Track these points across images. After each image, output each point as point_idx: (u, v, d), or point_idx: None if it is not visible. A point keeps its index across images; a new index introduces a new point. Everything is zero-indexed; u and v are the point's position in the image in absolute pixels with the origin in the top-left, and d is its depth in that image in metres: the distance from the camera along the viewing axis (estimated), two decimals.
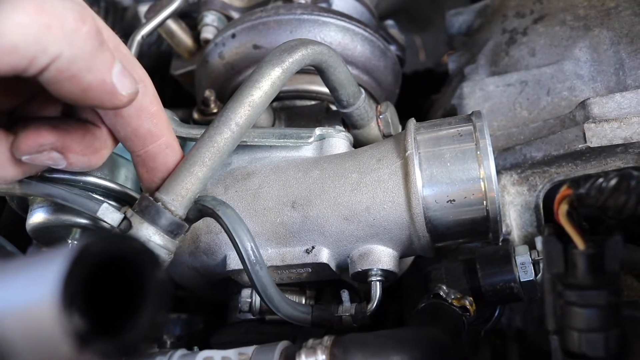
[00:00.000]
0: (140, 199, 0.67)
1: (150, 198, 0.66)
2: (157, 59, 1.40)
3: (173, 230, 0.66)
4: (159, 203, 0.66)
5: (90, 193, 0.75)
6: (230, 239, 0.69)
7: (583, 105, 0.84)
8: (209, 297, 0.98)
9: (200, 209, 0.70)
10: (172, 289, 0.98)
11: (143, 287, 0.37)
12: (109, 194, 0.77)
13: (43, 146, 0.58)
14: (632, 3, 0.94)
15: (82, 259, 0.33)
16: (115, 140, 0.64)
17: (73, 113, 0.64)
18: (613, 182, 0.49)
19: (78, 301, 0.33)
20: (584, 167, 0.86)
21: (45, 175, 0.74)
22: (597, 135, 0.80)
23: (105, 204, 0.68)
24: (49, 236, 0.80)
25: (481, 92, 0.99)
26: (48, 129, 0.58)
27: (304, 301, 0.84)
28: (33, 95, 0.61)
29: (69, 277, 0.33)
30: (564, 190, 0.52)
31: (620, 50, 0.91)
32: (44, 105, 0.62)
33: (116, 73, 0.53)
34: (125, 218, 0.67)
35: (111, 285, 0.37)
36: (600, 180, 0.50)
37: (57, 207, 0.76)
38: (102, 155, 0.63)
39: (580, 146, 0.82)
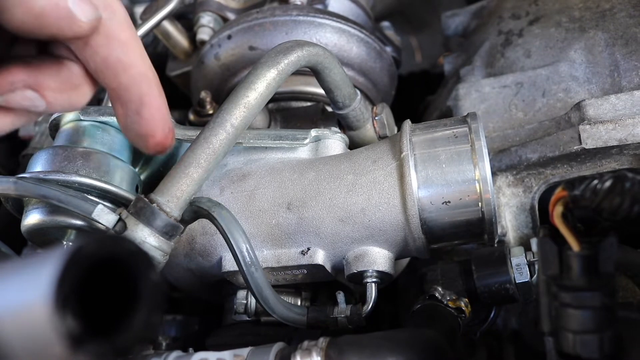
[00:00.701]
0: (135, 201, 0.67)
1: (146, 199, 0.66)
2: (153, 60, 1.39)
3: (168, 232, 0.66)
4: (154, 204, 0.65)
5: (85, 194, 0.75)
6: (226, 241, 0.69)
7: (578, 106, 0.84)
8: (205, 298, 0.98)
9: (196, 210, 0.70)
10: (167, 290, 0.98)
11: (137, 288, 0.37)
12: (104, 195, 0.77)
13: (14, 84, 0.54)
14: (627, 5, 0.94)
15: (76, 260, 0.33)
16: (93, 87, 0.59)
17: (47, 51, 0.59)
18: (608, 183, 0.49)
19: (72, 302, 0.33)
20: (579, 169, 0.86)
21: (40, 177, 0.74)
22: (592, 137, 0.81)
23: (100, 206, 0.68)
24: (44, 238, 0.80)
25: (477, 93, 0.99)
26: (19, 66, 0.55)
27: (299, 303, 0.84)
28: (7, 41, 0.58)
29: (63, 279, 0.32)
30: (559, 192, 0.52)
31: (615, 52, 0.91)
32: (19, 48, 0.58)
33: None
34: (120, 219, 0.67)
35: (105, 287, 0.37)
36: (595, 181, 0.50)
37: (52, 208, 0.76)
38: (83, 93, 0.58)
39: (575, 148, 0.82)
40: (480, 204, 0.72)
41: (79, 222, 0.76)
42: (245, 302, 0.81)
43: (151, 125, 0.59)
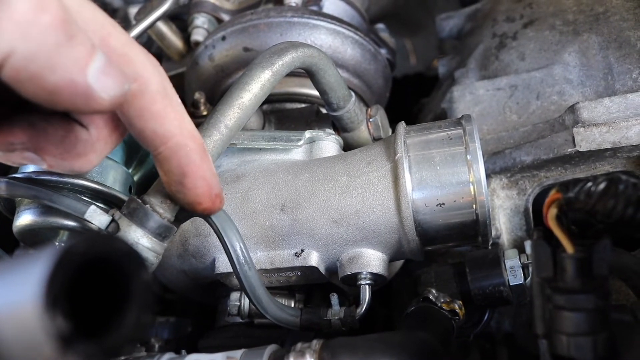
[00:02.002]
0: (128, 201, 0.66)
1: (139, 200, 0.65)
2: None
3: (161, 233, 0.66)
4: (147, 205, 0.65)
5: (78, 195, 0.75)
6: (220, 239, 0.69)
7: (572, 109, 0.84)
8: (198, 300, 0.98)
9: None
10: (158, 290, 0.97)
11: (128, 288, 0.36)
12: (97, 196, 0.77)
13: (14, 145, 0.53)
14: (620, 8, 0.94)
15: (66, 260, 0.32)
16: (111, 144, 0.58)
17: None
18: (602, 186, 0.49)
19: (61, 302, 0.32)
20: (573, 171, 0.86)
21: (32, 177, 0.73)
22: (586, 140, 0.81)
23: (92, 206, 0.68)
24: (36, 238, 0.79)
25: (471, 96, 0.99)
26: (22, 126, 0.53)
27: (293, 304, 0.84)
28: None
29: (52, 279, 0.32)
30: (553, 194, 0.52)
31: (608, 55, 0.92)
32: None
33: (94, 72, 0.45)
34: (113, 220, 0.66)
35: (96, 287, 0.36)
36: (589, 184, 0.50)
37: (45, 209, 0.75)
38: (88, 160, 0.56)
39: (569, 150, 0.82)
40: (474, 206, 0.72)
41: (71, 223, 0.76)
42: (238, 303, 0.81)
43: (195, 194, 0.58)
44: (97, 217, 0.67)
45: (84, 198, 0.74)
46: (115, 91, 0.48)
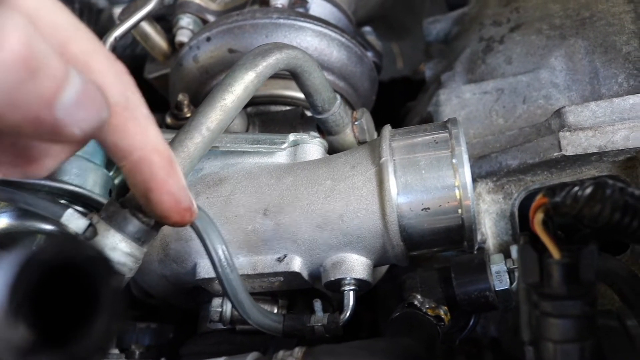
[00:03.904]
0: (106, 205, 0.65)
1: (117, 204, 0.64)
2: (131, 62, 1.37)
3: (140, 238, 0.64)
4: (126, 209, 0.63)
5: (56, 198, 0.73)
6: (202, 242, 0.68)
7: (558, 113, 0.84)
8: (180, 306, 0.96)
9: None
10: (128, 297, 0.95)
11: (97, 295, 0.35)
12: (76, 199, 0.75)
13: None
14: (606, 13, 0.95)
15: (31, 266, 0.31)
16: (69, 149, 0.53)
17: None
18: (588, 190, 0.49)
19: (25, 311, 0.31)
20: (559, 176, 0.86)
21: (8, 179, 0.72)
22: (572, 144, 0.80)
23: (70, 210, 0.66)
24: (13, 243, 0.77)
25: (457, 99, 0.99)
26: None
27: (276, 310, 0.83)
28: None
29: (15, 286, 0.31)
30: (539, 199, 0.51)
31: (594, 59, 0.92)
32: None
33: (63, 106, 0.41)
34: (90, 225, 0.65)
35: (63, 293, 0.35)
36: (576, 188, 0.49)
37: (21, 212, 0.74)
38: (43, 166, 0.51)
39: (555, 154, 0.82)
40: (459, 210, 0.72)
41: (49, 227, 0.74)
42: (220, 310, 0.79)
43: (162, 208, 0.55)
44: (74, 221, 0.65)
45: (62, 201, 0.73)
46: (90, 124, 0.44)
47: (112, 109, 0.48)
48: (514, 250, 0.81)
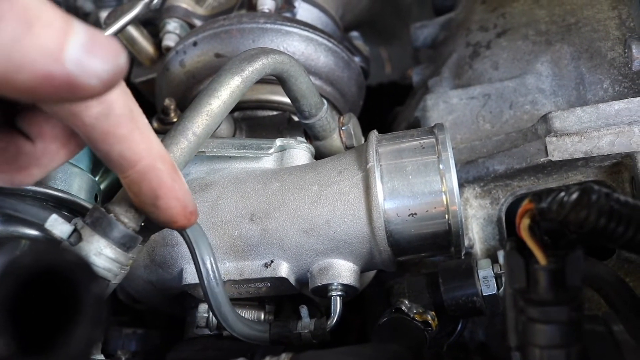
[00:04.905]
0: (91, 210, 0.64)
1: (102, 209, 0.63)
2: None
3: (126, 243, 0.63)
4: (111, 215, 0.63)
5: (41, 203, 0.72)
6: (191, 252, 0.67)
7: (545, 119, 0.84)
8: (166, 311, 0.95)
9: None
10: (112, 303, 0.95)
11: (77, 302, 0.34)
12: (61, 204, 0.74)
13: None
14: (592, 20, 0.95)
15: (9, 273, 0.30)
16: (59, 160, 0.52)
17: (8, 121, 0.51)
18: (574, 196, 0.49)
19: (2, 319, 0.30)
20: (545, 181, 0.87)
21: None
22: (559, 149, 0.81)
23: (54, 215, 0.65)
24: None
25: (445, 104, 0.99)
26: None
27: (262, 316, 0.82)
28: None
29: None
30: (525, 205, 0.51)
31: (580, 65, 0.92)
32: None
33: (74, 55, 0.38)
34: (75, 230, 0.64)
35: (43, 300, 0.34)
36: (562, 194, 0.49)
37: (5, 217, 0.73)
38: (30, 174, 0.51)
39: (542, 160, 0.82)
40: (446, 216, 0.71)
41: (33, 232, 0.73)
42: (206, 315, 0.79)
43: (170, 214, 0.56)
44: (59, 226, 0.64)
45: (46, 206, 0.72)
46: (107, 71, 0.40)
47: (117, 119, 0.48)
48: (501, 255, 0.81)
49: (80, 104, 0.46)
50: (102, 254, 0.62)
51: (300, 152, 0.83)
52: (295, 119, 0.94)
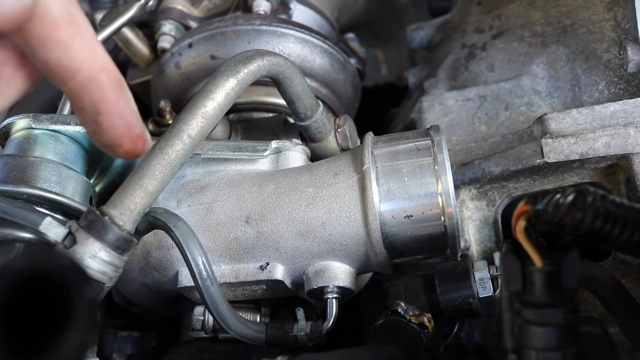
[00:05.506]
0: (86, 213, 0.64)
1: (97, 212, 0.63)
2: None
3: (120, 246, 0.63)
4: (106, 217, 0.62)
5: (34, 206, 0.72)
6: (182, 253, 0.67)
7: (540, 120, 0.84)
8: (162, 314, 0.95)
9: (151, 222, 0.68)
10: (106, 306, 0.94)
11: (70, 306, 0.34)
12: (55, 207, 0.74)
13: None
14: (587, 21, 0.95)
15: (1, 276, 0.30)
16: (16, 85, 0.50)
17: None
18: (570, 198, 0.49)
19: None
20: (541, 182, 0.86)
21: None
22: (555, 151, 0.81)
23: (48, 218, 0.65)
24: None
25: (440, 106, 0.99)
26: None
27: (258, 319, 0.82)
28: None
29: None
30: (521, 207, 0.51)
31: (576, 67, 0.93)
32: None
33: None
34: (69, 233, 0.63)
35: (35, 304, 0.34)
36: (558, 196, 0.49)
37: None
38: (6, 97, 0.49)
39: (538, 161, 0.82)
40: (442, 218, 0.71)
41: (27, 235, 0.73)
42: (202, 318, 0.78)
43: (114, 134, 0.51)
44: (53, 229, 0.64)
45: (40, 209, 0.72)
46: (16, 3, 0.41)
47: (54, 22, 0.46)
48: (497, 257, 0.81)
49: None
50: (97, 257, 0.62)
51: (295, 154, 0.83)
52: (291, 121, 0.93)
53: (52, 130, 0.80)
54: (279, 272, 0.76)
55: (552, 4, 1.01)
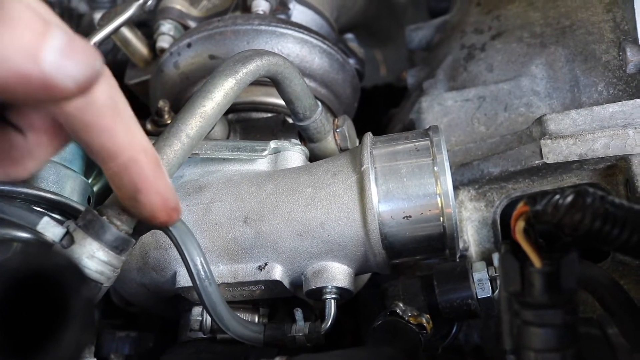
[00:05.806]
0: (84, 213, 0.63)
1: (95, 212, 0.63)
2: (112, 68, 1.35)
3: (118, 246, 0.63)
4: (104, 217, 0.62)
5: (32, 206, 0.72)
6: (179, 253, 0.67)
7: (539, 121, 0.84)
8: (160, 314, 0.95)
9: None
10: (103, 306, 0.94)
11: (67, 305, 0.34)
12: (53, 207, 0.74)
13: None
14: (586, 22, 0.95)
15: None
16: (52, 150, 0.52)
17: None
18: (569, 199, 0.49)
19: None
20: (540, 183, 0.86)
21: None
22: (553, 152, 0.81)
23: (46, 218, 0.64)
24: None
25: (439, 107, 0.99)
26: None
27: (257, 319, 0.82)
28: None
29: None
30: (520, 207, 0.51)
31: (575, 67, 0.93)
32: None
33: (51, 56, 0.39)
34: (67, 233, 0.63)
35: (32, 303, 0.34)
36: (557, 197, 0.49)
37: None
38: (25, 168, 0.51)
39: (536, 162, 0.82)
40: (441, 218, 0.71)
41: (25, 235, 0.73)
42: (200, 318, 0.78)
43: (152, 209, 0.55)
44: (51, 229, 0.64)
45: (38, 209, 0.71)
46: (83, 73, 0.42)
47: (100, 110, 0.48)
48: (496, 258, 0.81)
49: None
50: (95, 257, 0.62)
51: (294, 154, 0.83)
52: (290, 121, 0.93)
53: None
54: (278, 272, 0.76)
55: (551, 4, 1.01)
